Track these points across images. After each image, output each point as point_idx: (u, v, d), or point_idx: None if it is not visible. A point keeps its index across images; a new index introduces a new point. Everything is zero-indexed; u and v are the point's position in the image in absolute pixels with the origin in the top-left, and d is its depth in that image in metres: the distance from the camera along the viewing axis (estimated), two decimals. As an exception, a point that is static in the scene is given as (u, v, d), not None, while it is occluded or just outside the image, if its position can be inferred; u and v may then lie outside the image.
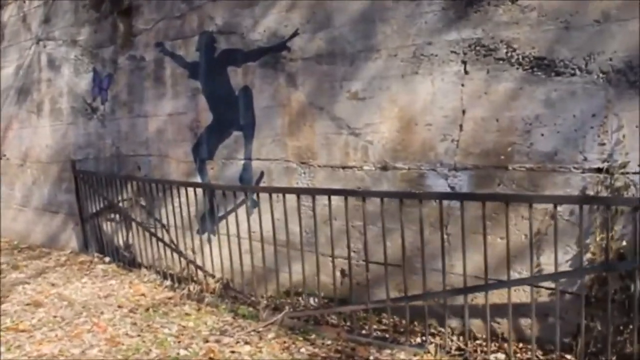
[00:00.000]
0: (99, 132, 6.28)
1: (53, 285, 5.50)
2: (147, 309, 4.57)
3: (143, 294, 5.07)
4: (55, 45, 6.85)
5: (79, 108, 6.55)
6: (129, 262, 5.86)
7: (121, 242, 6.05)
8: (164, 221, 5.33)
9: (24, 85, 7.43)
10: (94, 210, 6.25)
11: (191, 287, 4.90)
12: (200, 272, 5.00)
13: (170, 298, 4.85)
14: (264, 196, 4.44)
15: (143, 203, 5.64)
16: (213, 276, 4.88)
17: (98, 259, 6.23)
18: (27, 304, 4.87)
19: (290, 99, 4.54)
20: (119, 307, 4.68)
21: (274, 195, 4.29)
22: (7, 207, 7.94)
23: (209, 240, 5.06)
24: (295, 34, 4.49)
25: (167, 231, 5.30)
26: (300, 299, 4.40)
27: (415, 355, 3.53)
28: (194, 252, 5.06)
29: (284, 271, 4.41)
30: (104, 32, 6.19)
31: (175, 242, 5.20)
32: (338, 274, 4.24)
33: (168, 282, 5.19)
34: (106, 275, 5.74)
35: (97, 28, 6.26)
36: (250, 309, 4.41)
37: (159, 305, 4.67)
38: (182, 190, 4.93)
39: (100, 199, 6.07)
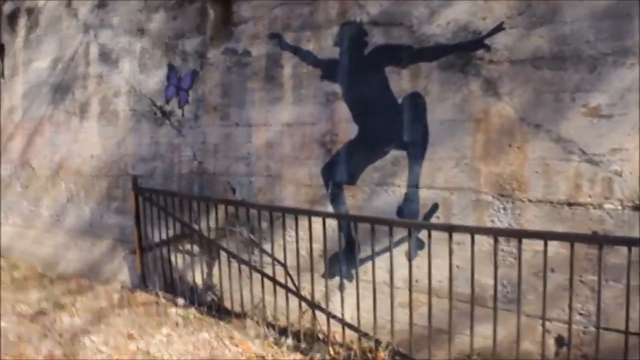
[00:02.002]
0: (173, 143, 5.05)
1: (128, 337, 4.22)
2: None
3: (262, 357, 3.85)
4: (113, 34, 5.60)
5: (143, 111, 5.30)
6: (211, 306, 4.62)
7: (199, 280, 4.80)
8: (270, 257, 4.15)
9: (62, 82, 6.13)
10: (161, 238, 4.99)
11: (331, 351, 3.71)
12: (326, 325, 3.83)
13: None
14: (437, 236, 3.33)
15: (242, 233, 4.43)
16: (363, 333, 3.71)
17: (166, 300, 4.95)
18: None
19: (488, 112, 3.47)
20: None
21: (456, 236, 3.24)
22: (29, 226, 6.54)
23: (341, 287, 3.90)
24: (498, 28, 3.45)
25: (286, 272, 4.10)
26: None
27: None
28: (312, 299, 3.89)
29: (462, 333, 3.33)
30: (186, 19, 5.00)
31: (291, 284, 4.02)
32: (551, 341, 3.19)
33: (289, 341, 3.98)
34: (190, 325, 4.49)
35: (177, 14, 5.07)
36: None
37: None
38: (302, 221, 3.86)
39: (172, 224, 4.84)
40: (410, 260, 3.55)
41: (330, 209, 4.14)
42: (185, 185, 5.02)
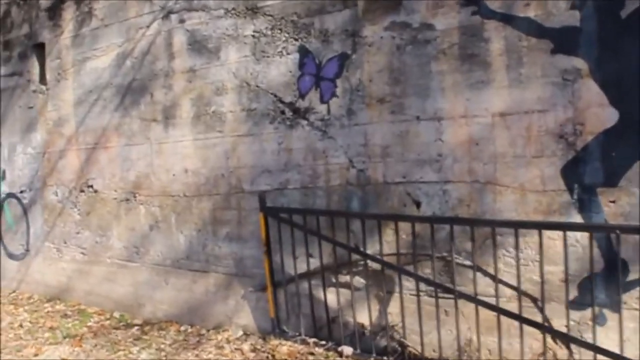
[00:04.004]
0: (315, 148, 4.00)
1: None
2: None
3: None
4: (208, 18, 4.51)
5: (263, 111, 4.23)
6: (392, 353, 3.59)
7: (365, 320, 3.76)
8: (483, 284, 3.21)
9: (133, 82, 5.00)
10: (305, 269, 3.95)
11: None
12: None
13: None
14: None
15: (443, 256, 3.44)
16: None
17: (323, 349, 3.89)
18: None
19: None
20: None
21: None
22: (95, 262, 5.36)
23: (600, 319, 2.94)
24: None
25: (519, 299, 3.13)
26: None
27: None
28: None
29: None
30: (325, -10, 3.96)
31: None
32: None
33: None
34: (380, 383, 3.43)
35: (310, -14, 4.02)
36: None
37: None
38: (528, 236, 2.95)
39: (319, 251, 3.84)
40: None
41: (576, 217, 3.15)
42: (337, 201, 3.96)
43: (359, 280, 3.89)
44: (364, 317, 3.86)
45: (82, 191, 5.54)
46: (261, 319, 4.34)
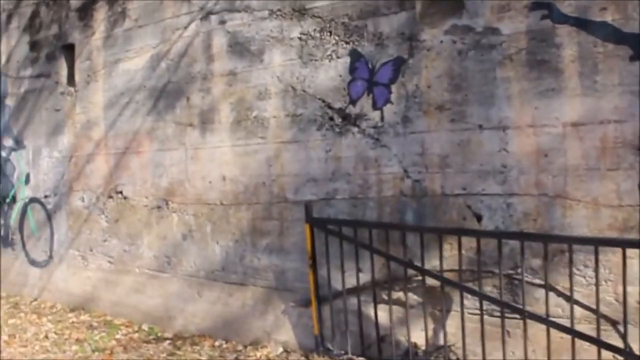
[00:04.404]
0: (366, 156, 3.85)
1: None
2: None
3: None
4: (251, 19, 4.38)
5: (310, 117, 4.08)
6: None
7: (420, 340, 3.57)
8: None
9: (168, 85, 4.86)
10: (353, 284, 3.77)
11: None
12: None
13: None
14: None
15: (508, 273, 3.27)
16: None
17: (372, 369, 3.68)
18: None
19: None
20: None
21: None
22: (123, 271, 5.20)
23: None
24: None
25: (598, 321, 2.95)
26: None
27: None
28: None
29: None
30: (379, -8, 3.82)
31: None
32: None
33: None
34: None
35: (363, -14, 3.88)
36: None
37: None
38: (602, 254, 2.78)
39: (371, 266, 3.70)
40: None
41: (658, 237, 2.98)
42: (390, 213, 3.79)
43: (412, 297, 3.70)
44: (417, 336, 3.68)
45: (110, 197, 5.39)
46: (303, 336, 4.17)
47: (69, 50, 5.83)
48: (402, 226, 3.67)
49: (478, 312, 3.39)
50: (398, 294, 3.75)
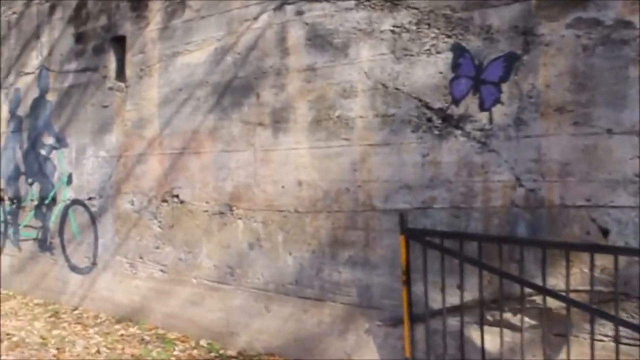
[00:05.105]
0: (470, 161, 3.55)
1: None
2: None
3: None
4: (333, 9, 4.10)
5: (403, 117, 3.79)
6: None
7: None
8: None
9: (235, 81, 4.58)
10: (453, 303, 3.48)
11: None
12: None
13: None
14: None
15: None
16: None
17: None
18: None
19: None
20: None
21: None
22: (178, 281, 4.91)
23: None
24: None
25: None
26: None
27: None
28: None
29: None
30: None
31: None
32: None
33: None
34: None
35: (465, -24, 3.59)
36: None
37: None
38: None
39: (479, 283, 3.40)
40: None
41: None
42: (498, 225, 3.49)
43: (525, 320, 3.40)
44: (533, 362, 3.37)
45: (164, 201, 5.10)
46: (390, 359, 3.86)
47: (119, 43, 5.55)
48: (521, 240, 3.36)
49: (606, 339, 3.08)
50: (505, 316, 3.44)
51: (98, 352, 4.52)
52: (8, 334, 4.93)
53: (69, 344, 4.71)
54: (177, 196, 5.00)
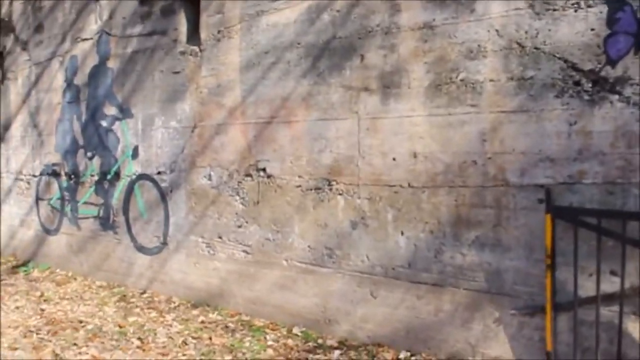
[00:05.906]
0: (629, 130, 3.21)
1: None
2: None
3: None
4: (457, -41, 3.67)
5: (544, 80, 3.41)
6: None
7: None
8: None
9: (332, 41, 4.22)
10: (610, 289, 3.14)
11: None
12: None
13: None
14: None
15: None
16: None
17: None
18: None
19: None
20: None
21: None
22: (264, 263, 4.58)
23: None
24: None
25: None
26: None
27: None
28: None
29: None
30: None
31: None
32: None
33: None
34: None
35: None
36: None
37: None
38: None
39: (636, 266, 3.05)
40: None
41: None
42: (664, 202, 3.10)
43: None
44: None
45: (248, 175, 4.76)
46: (524, 351, 3.53)
47: (192, 3, 5.18)
48: None
49: None
50: (678, 306, 3.07)
51: (185, 343, 4.21)
52: (81, 322, 4.63)
53: (150, 333, 4.40)
54: (263, 170, 4.66)
